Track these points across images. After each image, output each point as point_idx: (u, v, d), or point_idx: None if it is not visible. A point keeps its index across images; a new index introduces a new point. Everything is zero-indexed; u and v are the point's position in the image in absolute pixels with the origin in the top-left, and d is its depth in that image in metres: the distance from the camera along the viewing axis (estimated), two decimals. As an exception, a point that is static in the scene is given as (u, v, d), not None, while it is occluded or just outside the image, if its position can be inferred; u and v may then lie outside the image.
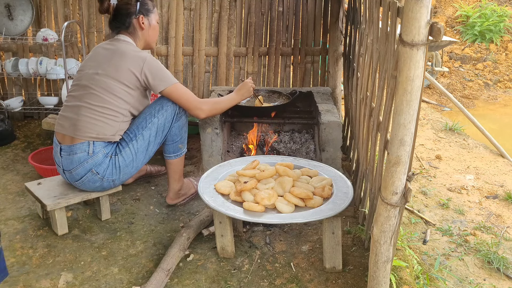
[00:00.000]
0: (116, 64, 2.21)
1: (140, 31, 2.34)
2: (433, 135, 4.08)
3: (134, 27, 2.32)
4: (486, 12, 7.02)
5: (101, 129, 2.19)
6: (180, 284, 1.92)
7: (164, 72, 2.28)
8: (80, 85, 2.25)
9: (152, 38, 2.41)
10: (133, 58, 2.22)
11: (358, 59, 2.70)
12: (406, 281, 1.85)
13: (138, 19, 2.31)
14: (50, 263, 2.06)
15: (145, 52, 2.29)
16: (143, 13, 2.32)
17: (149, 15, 2.35)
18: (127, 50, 2.24)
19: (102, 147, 2.20)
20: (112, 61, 2.22)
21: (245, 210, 1.86)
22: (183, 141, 2.44)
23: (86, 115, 2.18)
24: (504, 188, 3.02)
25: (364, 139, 2.24)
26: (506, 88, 6.16)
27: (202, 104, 2.37)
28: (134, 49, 2.28)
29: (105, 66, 2.22)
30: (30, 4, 3.60)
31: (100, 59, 2.26)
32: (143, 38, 2.37)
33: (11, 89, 3.79)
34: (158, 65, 2.27)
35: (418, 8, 1.19)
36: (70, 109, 2.24)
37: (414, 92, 1.27)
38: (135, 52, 2.25)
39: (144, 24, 2.33)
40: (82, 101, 2.21)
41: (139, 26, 2.32)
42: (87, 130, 2.18)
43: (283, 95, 3.14)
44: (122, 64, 2.21)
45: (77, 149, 2.17)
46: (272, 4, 3.57)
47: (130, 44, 2.30)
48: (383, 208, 1.43)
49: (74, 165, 2.18)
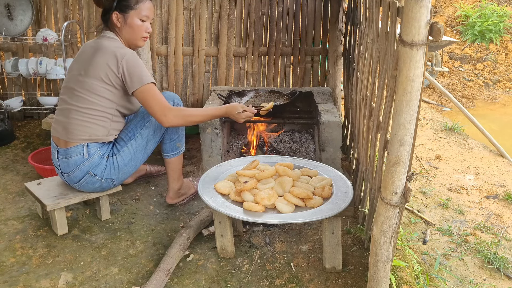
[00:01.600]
0: (96, 62, 2.14)
1: (117, 29, 2.22)
2: (433, 135, 4.08)
3: (112, 24, 2.22)
4: (486, 12, 7.03)
5: (93, 131, 2.17)
6: (180, 284, 1.92)
7: (142, 71, 2.13)
8: (68, 88, 2.21)
9: (131, 36, 2.24)
10: (112, 54, 2.12)
11: (358, 59, 2.70)
12: (406, 281, 1.85)
13: (113, 15, 2.18)
14: (50, 263, 2.06)
15: (126, 49, 2.18)
16: (119, 9, 2.18)
17: (127, 12, 2.18)
18: (108, 46, 2.15)
19: (97, 148, 2.19)
20: (93, 59, 2.15)
21: (245, 210, 1.86)
22: (181, 140, 2.43)
23: (76, 118, 2.15)
24: (504, 188, 3.02)
25: (364, 139, 2.24)
26: (506, 88, 6.16)
27: (170, 111, 2.15)
28: (116, 45, 2.17)
29: (87, 65, 2.16)
30: (30, 4, 3.60)
31: (84, 58, 2.20)
32: (122, 37, 2.24)
33: (11, 89, 3.78)
34: (136, 63, 2.14)
35: (418, 8, 1.19)
36: (61, 113, 2.22)
37: (414, 92, 1.27)
38: (115, 48, 2.14)
39: (120, 21, 2.20)
40: (70, 104, 2.17)
41: (114, 23, 2.21)
42: (79, 133, 2.15)
43: (283, 95, 3.14)
44: (100, 61, 2.13)
45: (72, 152, 2.16)
46: (272, 4, 3.57)
47: (114, 40, 2.21)
48: (383, 208, 1.43)
49: (71, 168, 2.18)
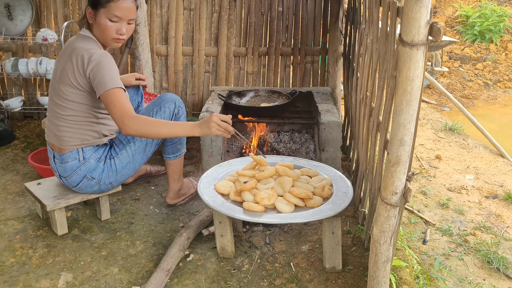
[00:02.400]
0: (66, 66, 2.02)
1: (91, 25, 2.07)
2: (433, 135, 4.08)
3: (87, 20, 2.08)
4: (486, 12, 7.03)
5: (83, 136, 2.13)
6: (180, 284, 1.92)
7: (108, 75, 1.94)
8: (50, 92, 2.15)
9: (100, 36, 2.06)
10: (80, 57, 1.98)
11: (358, 59, 2.70)
12: (406, 281, 1.85)
13: (87, 10, 2.04)
14: (50, 263, 2.06)
15: (96, 51, 2.00)
16: (92, 4, 2.02)
17: (98, 9, 2.00)
18: (78, 47, 2.01)
19: (92, 152, 2.17)
20: (64, 63, 2.04)
21: (245, 210, 1.86)
22: (182, 142, 2.43)
23: (63, 125, 2.10)
24: (504, 188, 3.02)
25: (364, 139, 2.24)
26: (506, 88, 6.16)
27: (130, 119, 1.93)
28: (87, 46, 2.01)
29: (58, 70, 2.08)
30: (29, 4, 3.60)
31: (58, 61, 2.11)
32: (96, 34, 2.08)
33: (11, 89, 3.78)
34: (103, 66, 1.95)
35: (418, 8, 1.19)
36: (49, 117, 2.17)
37: (414, 92, 1.27)
38: (84, 51, 1.99)
39: (91, 18, 2.04)
40: (54, 110, 2.12)
41: (87, 18, 2.06)
42: (70, 140, 2.12)
43: (283, 95, 3.14)
44: (69, 65, 2.01)
45: (68, 158, 2.15)
46: (272, 4, 3.57)
47: (87, 39, 2.06)
48: (383, 208, 1.43)
49: (68, 173, 2.17)
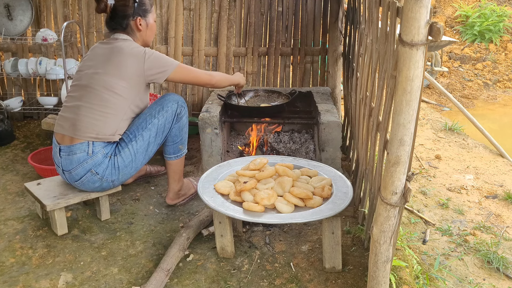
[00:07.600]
0: (116, 61, 2.20)
1: (138, 32, 2.32)
2: (432, 135, 4.08)
3: (131, 28, 2.30)
4: (486, 12, 7.03)
5: (101, 129, 2.18)
6: (179, 284, 1.92)
7: (165, 60, 2.28)
8: (80, 85, 2.24)
9: (150, 37, 2.40)
10: (132, 53, 2.21)
11: (357, 59, 2.70)
12: (405, 281, 1.85)
13: (136, 21, 2.28)
14: (50, 263, 2.06)
15: (142, 47, 2.29)
16: (140, 14, 2.29)
17: (147, 16, 2.33)
18: (125, 47, 2.23)
19: (101, 147, 2.19)
20: (112, 58, 2.21)
21: (244, 210, 1.86)
22: (183, 142, 2.43)
23: (86, 115, 2.18)
24: (504, 188, 3.02)
25: (363, 139, 2.24)
26: (506, 88, 6.16)
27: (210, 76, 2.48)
28: (131, 45, 2.25)
29: (105, 64, 2.21)
30: (29, 4, 3.60)
31: (99, 58, 2.25)
32: (140, 38, 2.35)
33: (11, 89, 3.78)
34: (157, 55, 2.27)
35: (418, 8, 1.19)
36: (69, 110, 2.24)
37: (413, 92, 1.27)
38: (133, 48, 2.23)
39: (142, 26, 2.31)
40: (82, 100, 2.20)
41: (136, 27, 2.30)
42: (87, 130, 2.17)
43: (283, 95, 3.14)
44: (122, 60, 2.20)
45: (77, 149, 2.17)
46: (271, 4, 3.57)
47: (128, 41, 2.28)
48: (382, 208, 1.43)
49: (73, 165, 2.18)
